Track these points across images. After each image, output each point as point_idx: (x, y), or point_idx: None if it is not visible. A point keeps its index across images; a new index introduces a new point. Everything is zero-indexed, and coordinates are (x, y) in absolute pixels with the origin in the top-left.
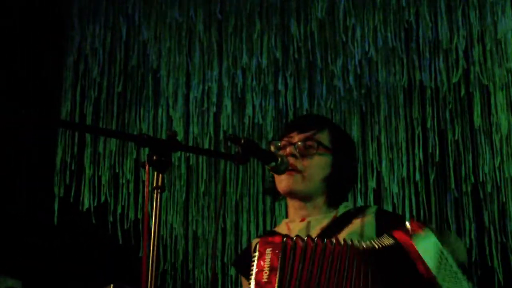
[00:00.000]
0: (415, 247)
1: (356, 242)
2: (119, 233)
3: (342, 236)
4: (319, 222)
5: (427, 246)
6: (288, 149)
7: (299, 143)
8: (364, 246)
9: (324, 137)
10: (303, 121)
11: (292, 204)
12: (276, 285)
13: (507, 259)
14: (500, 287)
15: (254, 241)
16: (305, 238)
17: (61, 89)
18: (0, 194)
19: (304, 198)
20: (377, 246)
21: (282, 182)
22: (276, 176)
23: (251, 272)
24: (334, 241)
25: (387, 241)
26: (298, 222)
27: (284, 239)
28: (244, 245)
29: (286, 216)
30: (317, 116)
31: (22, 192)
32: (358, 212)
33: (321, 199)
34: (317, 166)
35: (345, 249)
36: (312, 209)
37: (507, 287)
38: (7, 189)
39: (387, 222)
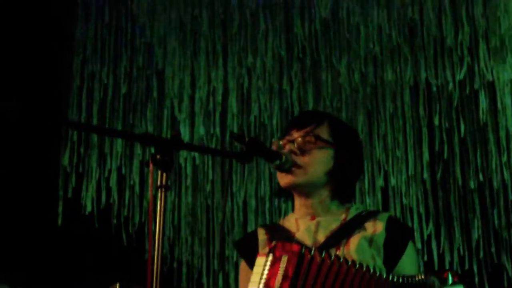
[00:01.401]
0: None
1: (377, 271)
2: (124, 235)
3: (352, 241)
4: (328, 223)
5: None
6: (288, 147)
7: (298, 139)
8: (390, 278)
9: (323, 131)
10: (301, 118)
11: (299, 200)
12: None
13: None
14: (509, 283)
15: (260, 230)
16: (323, 253)
17: (69, 91)
18: (4, 196)
19: (308, 192)
20: (401, 281)
21: (283, 178)
22: (278, 173)
23: (262, 276)
24: (357, 265)
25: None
26: (308, 221)
27: (302, 249)
28: None
29: (293, 210)
30: (315, 112)
31: (26, 193)
32: (369, 217)
33: (325, 193)
34: (318, 160)
35: (366, 275)
36: (319, 205)
37: None
38: (11, 191)
39: (397, 234)
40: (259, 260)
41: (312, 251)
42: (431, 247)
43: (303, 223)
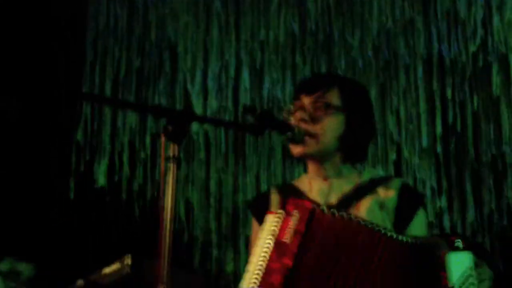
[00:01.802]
0: (448, 258)
1: (390, 232)
2: (136, 208)
3: (363, 204)
4: (341, 185)
5: (459, 263)
6: (298, 114)
7: (309, 106)
8: (399, 238)
9: (334, 96)
10: (310, 82)
11: (312, 164)
12: (297, 249)
13: None
14: None
15: (273, 190)
16: (336, 212)
17: (82, 66)
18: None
19: (320, 158)
20: (411, 242)
21: (295, 148)
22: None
23: (273, 228)
24: (368, 224)
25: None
26: (321, 181)
27: (314, 205)
28: None
29: (305, 171)
30: (325, 75)
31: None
32: (382, 181)
33: (337, 157)
34: (329, 128)
35: (376, 234)
36: (331, 167)
37: None
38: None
39: (408, 199)
40: (269, 217)
41: (324, 209)
42: (443, 220)
43: (316, 184)
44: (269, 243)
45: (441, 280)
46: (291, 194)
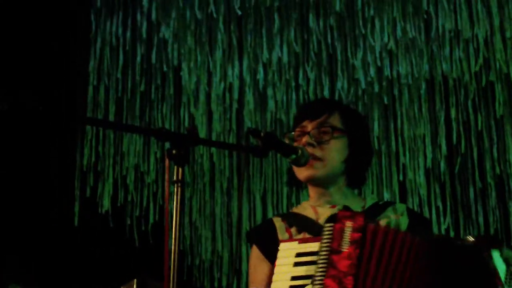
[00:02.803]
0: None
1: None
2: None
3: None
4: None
5: (498, 261)
6: (304, 139)
7: (313, 130)
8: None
9: (336, 120)
10: (313, 108)
11: (316, 190)
12: (357, 259)
13: None
14: None
15: (276, 219)
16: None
17: (85, 90)
18: (21, 195)
19: (327, 182)
20: (461, 245)
21: (303, 172)
22: (295, 167)
23: (323, 239)
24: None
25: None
26: (328, 208)
27: (365, 217)
28: None
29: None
30: (326, 100)
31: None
32: (387, 205)
33: (342, 180)
34: (336, 150)
35: (423, 244)
36: (337, 192)
37: None
38: (27, 190)
39: (418, 221)
40: (286, 245)
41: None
42: None
43: (324, 212)
44: (326, 255)
45: (495, 279)
46: (297, 221)
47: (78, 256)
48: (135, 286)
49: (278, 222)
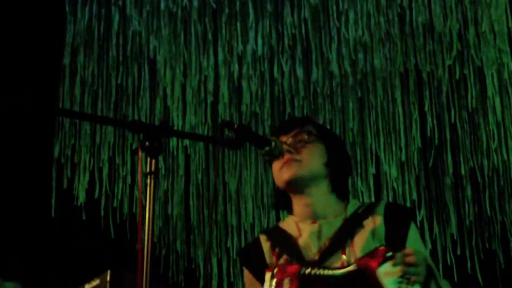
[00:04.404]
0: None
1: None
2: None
3: (355, 241)
4: (330, 226)
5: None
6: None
7: (290, 139)
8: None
9: (311, 128)
10: (286, 123)
11: (298, 200)
12: None
13: (507, 242)
14: (500, 269)
15: (262, 237)
16: (321, 270)
17: (60, 83)
18: None
19: (309, 185)
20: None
21: (284, 173)
22: (275, 171)
23: None
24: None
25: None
26: (309, 224)
27: (303, 269)
28: (247, 231)
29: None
30: (297, 117)
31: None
32: (367, 212)
33: (325, 185)
34: (314, 153)
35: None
36: (319, 202)
37: (507, 269)
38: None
39: (396, 222)
40: (268, 275)
41: (309, 269)
42: (424, 233)
43: (305, 228)
44: None
45: None
46: (281, 241)
47: (54, 247)
48: (108, 277)
49: (264, 243)
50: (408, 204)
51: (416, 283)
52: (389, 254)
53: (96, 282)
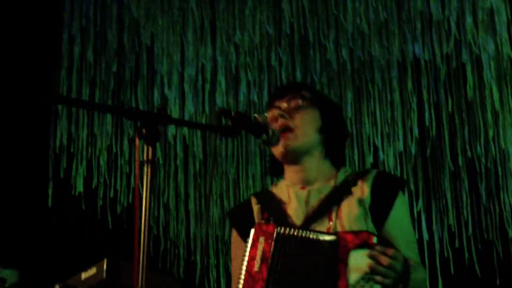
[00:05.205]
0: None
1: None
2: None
3: (342, 208)
4: (318, 192)
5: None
6: (275, 112)
7: (284, 104)
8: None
9: (305, 93)
10: (282, 88)
11: (291, 168)
12: (266, 275)
13: (504, 232)
14: (498, 259)
15: (253, 199)
16: (297, 231)
17: (58, 71)
18: None
19: (302, 154)
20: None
21: (279, 147)
22: (271, 147)
23: (243, 259)
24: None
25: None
26: (299, 189)
27: (278, 228)
28: None
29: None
30: (292, 82)
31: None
32: (356, 178)
33: (318, 152)
34: (308, 119)
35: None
36: (311, 168)
37: (505, 259)
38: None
39: (383, 192)
40: (252, 230)
41: (287, 230)
42: (421, 222)
43: (294, 193)
44: (242, 275)
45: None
46: (270, 205)
47: (51, 236)
48: (105, 266)
49: (255, 205)
50: (406, 194)
51: (379, 283)
52: (375, 240)
53: (93, 270)
